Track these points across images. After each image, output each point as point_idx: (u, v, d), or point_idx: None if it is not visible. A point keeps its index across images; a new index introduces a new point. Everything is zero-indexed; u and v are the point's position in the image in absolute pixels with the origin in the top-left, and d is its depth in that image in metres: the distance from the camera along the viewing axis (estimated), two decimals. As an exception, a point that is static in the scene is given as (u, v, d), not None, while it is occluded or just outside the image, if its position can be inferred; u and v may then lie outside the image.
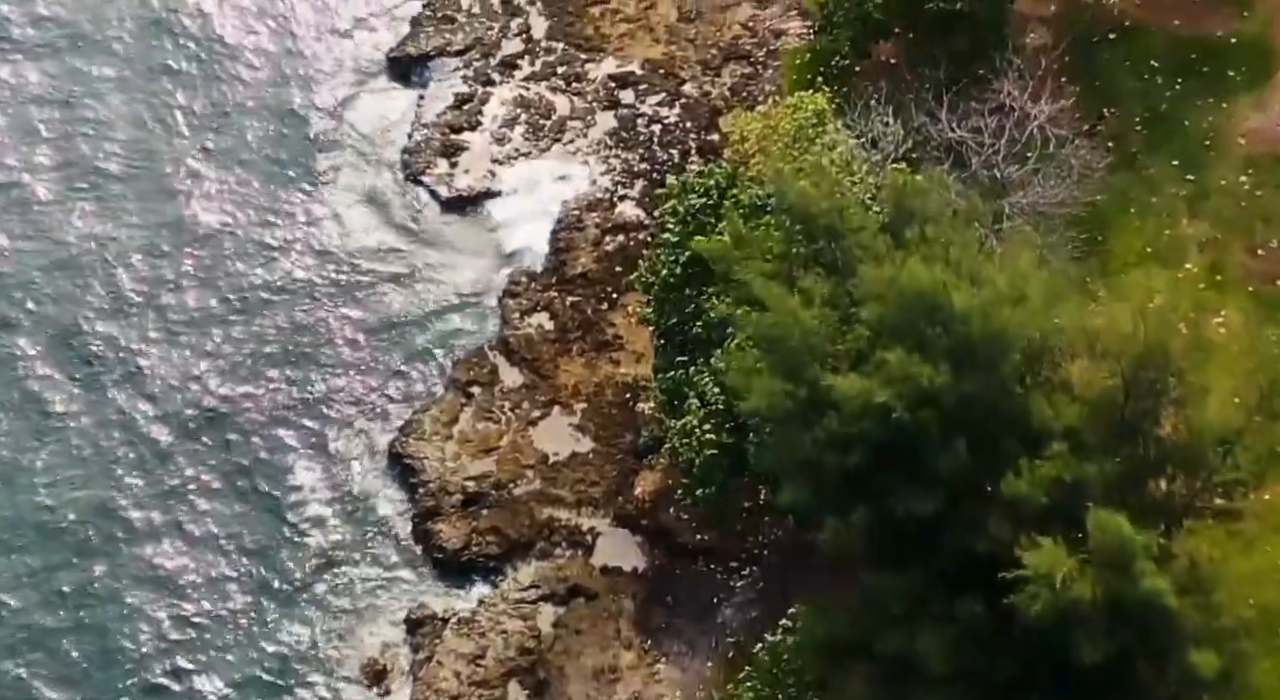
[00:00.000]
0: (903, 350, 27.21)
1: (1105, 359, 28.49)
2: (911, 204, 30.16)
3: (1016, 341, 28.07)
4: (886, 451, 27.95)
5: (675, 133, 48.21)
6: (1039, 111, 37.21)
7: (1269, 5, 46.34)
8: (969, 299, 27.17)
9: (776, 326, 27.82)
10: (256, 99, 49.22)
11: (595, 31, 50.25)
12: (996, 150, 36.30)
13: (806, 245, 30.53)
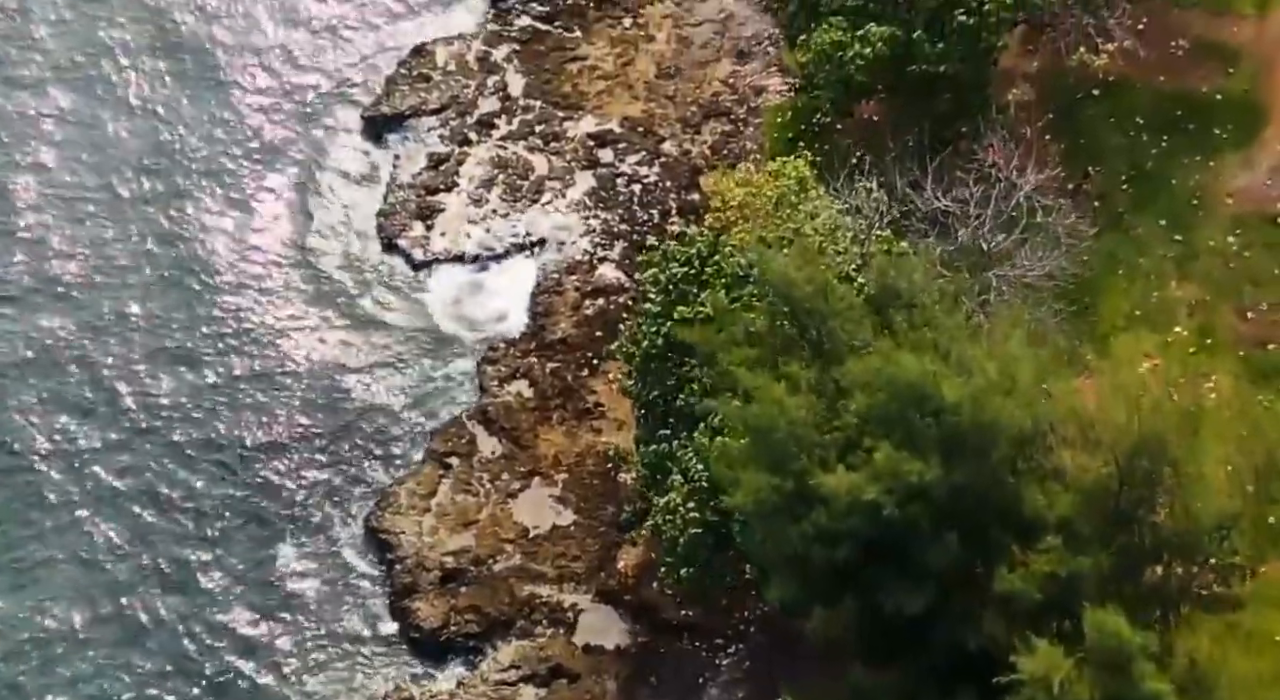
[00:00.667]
0: (892, 443, 26.46)
1: (1099, 447, 27.78)
2: (897, 284, 29.46)
3: (1008, 430, 27.35)
4: (876, 545, 27.17)
5: (655, 192, 47.48)
6: (1025, 181, 36.54)
7: (1254, 60, 45.92)
8: (959, 389, 26.44)
9: (762, 418, 27.05)
10: (229, 157, 48.41)
11: (573, 89, 49.54)
12: (983, 220, 35.64)
13: (791, 325, 29.79)
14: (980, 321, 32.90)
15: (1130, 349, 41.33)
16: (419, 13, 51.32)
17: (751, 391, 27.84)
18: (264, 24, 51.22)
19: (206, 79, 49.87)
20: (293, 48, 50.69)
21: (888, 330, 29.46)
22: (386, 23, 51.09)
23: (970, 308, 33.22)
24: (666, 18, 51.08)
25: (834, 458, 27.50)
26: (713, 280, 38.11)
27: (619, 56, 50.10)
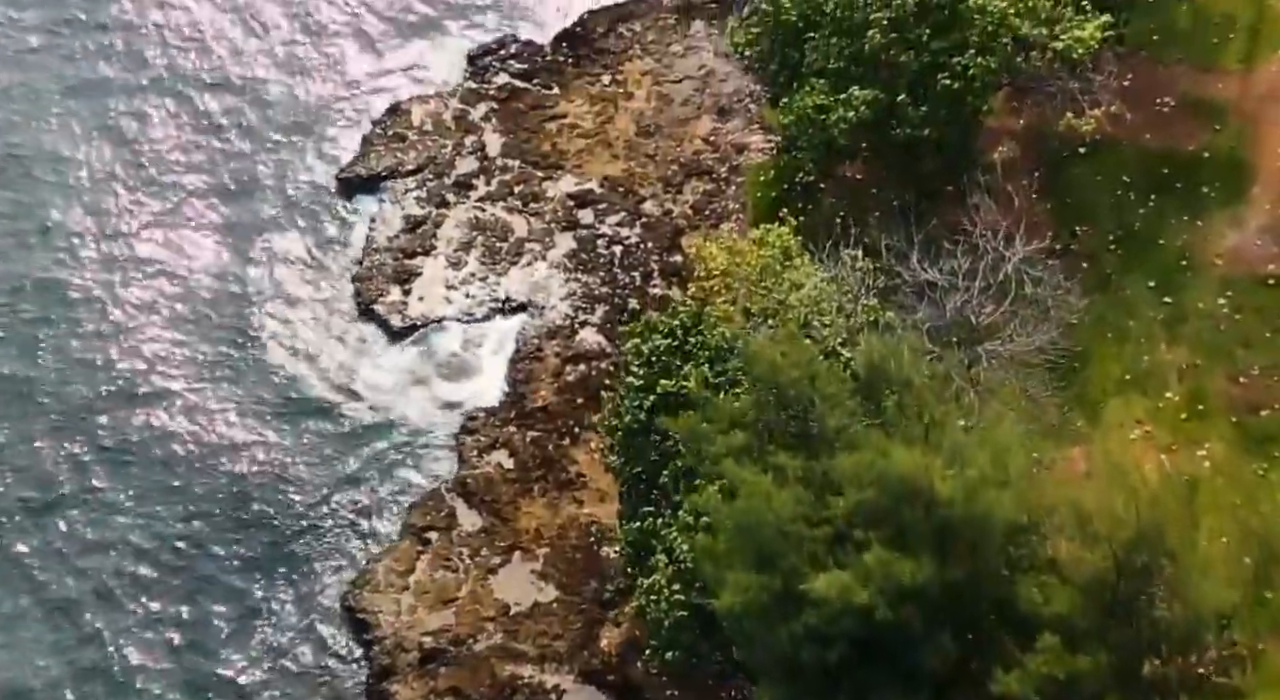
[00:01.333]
0: (883, 538, 25.64)
1: (1096, 540, 27.03)
2: (885, 366, 28.70)
3: (1002, 523, 26.59)
4: (868, 645, 26.33)
5: (637, 254, 46.73)
6: (1013, 251, 35.87)
7: (1240, 117, 45.39)
8: (953, 485, 25.67)
9: (749, 514, 26.24)
10: (202, 218, 47.44)
11: (552, 148, 48.78)
12: (970, 291, 34.94)
13: (777, 412, 29.01)
14: (970, 398, 32.18)
15: (1121, 416, 41.38)
16: (395, 71, 50.55)
17: (738, 486, 27.02)
18: (236, 83, 50.52)
19: (175, 138, 48.99)
20: (266, 107, 49.90)
21: (877, 414, 28.72)
22: (362, 81, 50.33)
23: (959, 384, 32.48)
24: (646, 74, 50.46)
25: (823, 552, 26.70)
26: (696, 352, 37.42)
27: (598, 114, 49.41)
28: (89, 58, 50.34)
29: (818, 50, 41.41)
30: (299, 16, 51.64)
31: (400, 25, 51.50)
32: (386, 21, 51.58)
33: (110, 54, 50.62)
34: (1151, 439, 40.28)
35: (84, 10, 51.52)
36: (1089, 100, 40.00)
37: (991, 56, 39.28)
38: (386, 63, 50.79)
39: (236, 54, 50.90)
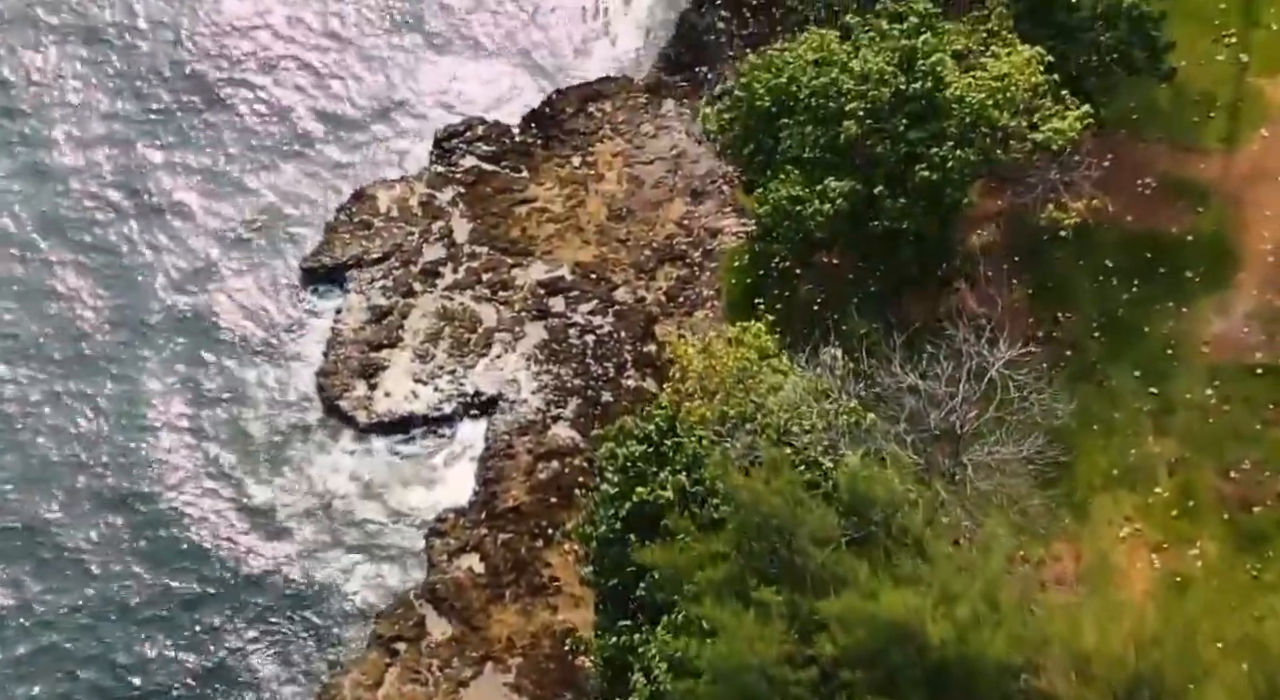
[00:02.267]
0: (872, 684, 24.43)
1: (1093, 680, 25.86)
2: (871, 493, 27.56)
3: (995, 663, 25.42)
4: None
5: (609, 344, 45.49)
6: (997, 355, 34.82)
7: (1223, 198, 44.57)
8: (944, 626, 24.49)
9: (731, 659, 25.01)
10: (157, 311, 45.75)
11: (522, 233, 47.57)
12: (954, 398, 33.87)
13: (759, 542, 27.81)
14: (957, 514, 31.04)
15: (1110, 513, 40.28)
16: (359, 154, 49.14)
17: (719, 628, 25.78)
18: (194, 167, 49.03)
19: (130, 226, 47.38)
20: (226, 194, 48.28)
21: (863, 543, 27.56)
22: (325, 166, 48.87)
23: (945, 498, 31.36)
24: (617, 155, 49.33)
25: (809, 696, 25.44)
26: (672, 457, 36.24)
27: (569, 198, 48.28)
28: (30, 147, 48.77)
29: (792, 138, 40.53)
30: (260, 98, 50.48)
31: (365, 108, 50.14)
32: (350, 105, 50.22)
33: (58, 142, 48.99)
34: (1141, 537, 39.20)
35: (26, 103, 50.13)
36: (1070, 192, 39.11)
37: (970, 148, 38.43)
38: (351, 146, 49.35)
39: (193, 136, 49.75)
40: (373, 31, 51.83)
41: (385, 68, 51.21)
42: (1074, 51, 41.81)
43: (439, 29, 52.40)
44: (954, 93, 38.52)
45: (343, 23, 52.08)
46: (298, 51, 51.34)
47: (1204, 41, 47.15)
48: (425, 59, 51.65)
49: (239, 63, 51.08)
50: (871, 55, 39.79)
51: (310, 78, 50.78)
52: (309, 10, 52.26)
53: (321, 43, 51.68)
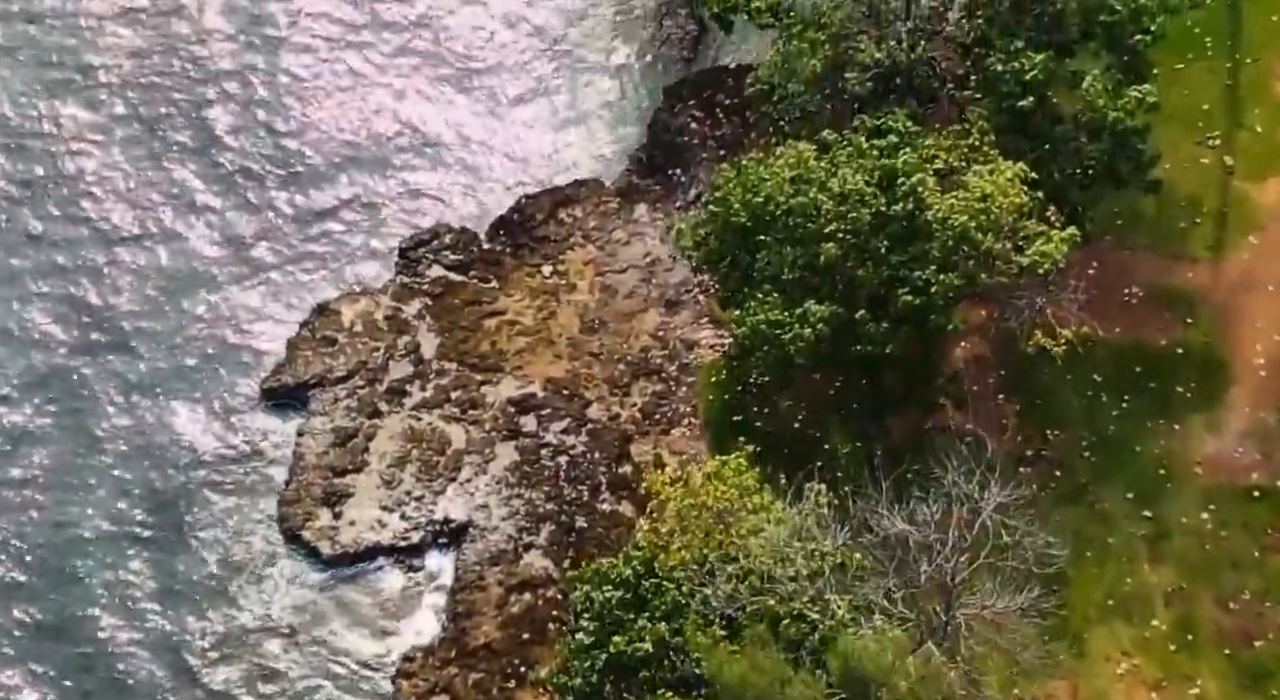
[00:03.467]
0: None
1: None
2: (864, 669, 26.07)
3: None
4: None
5: (583, 465, 43.82)
6: (989, 496, 33.41)
7: (1213, 309, 43.39)
8: None
9: None
10: (112, 434, 43.92)
11: (491, 348, 45.94)
12: (944, 543, 32.42)
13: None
14: (951, 680, 29.49)
15: (1106, 647, 38.73)
16: (322, 266, 47.48)
17: None
18: (150, 277, 47.08)
19: (86, 345, 45.52)
20: (184, 310, 46.44)
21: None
22: (287, 278, 47.20)
23: (939, 659, 29.83)
24: (588, 264, 47.88)
25: None
26: (652, 602, 34.64)
27: (539, 309, 46.75)
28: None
29: (770, 257, 39.20)
30: (219, 208, 48.72)
31: (328, 216, 48.57)
32: (313, 212, 48.69)
33: (10, 248, 47.58)
34: (1139, 674, 37.59)
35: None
36: (1057, 315, 37.83)
37: (953, 272, 37.17)
38: (313, 257, 47.66)
39: (150, 248, 47.73)
40: (335, 135, 50.38)
41: (349, 173, 49.67)
42: (1057, 163, 40.77)
43: (403, 130, 50.99)
44: (936, 214, 37.26)
45: (304, 126, 50.69)
46: (257, 160, 49.93)
47: (1188, 143, 46.12)
48: (389, 163, 50.16)
49: (198, 170, 49.40)
50: (850, 174, 38.51)
51: (271, 185, 49.23)
52: (271, 116, 50.70)
53: (282, 148, 50.25)
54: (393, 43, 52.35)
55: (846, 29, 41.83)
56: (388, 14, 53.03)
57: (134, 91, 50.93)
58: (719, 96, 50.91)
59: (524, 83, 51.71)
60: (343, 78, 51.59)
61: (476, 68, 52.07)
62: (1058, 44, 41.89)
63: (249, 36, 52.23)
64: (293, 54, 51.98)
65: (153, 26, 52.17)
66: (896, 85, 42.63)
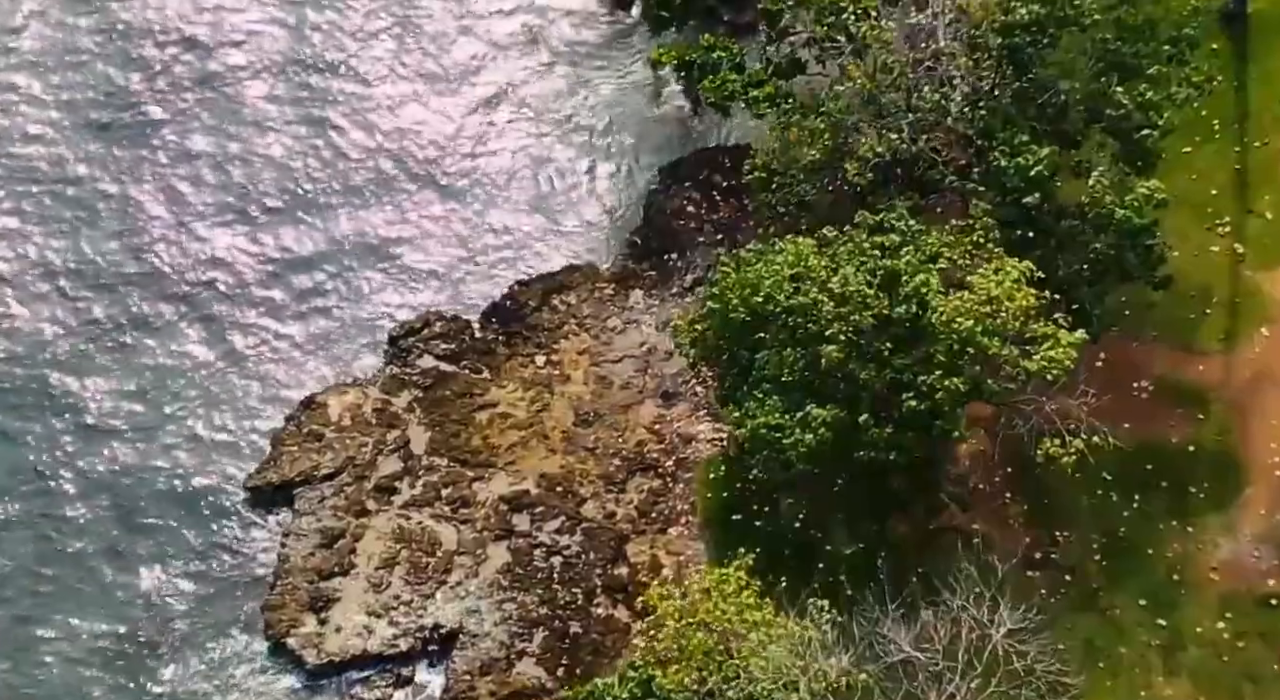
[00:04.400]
0: None
1: None
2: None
3: None
4: None
5: (578, 566, 42.38)
6: (999, 619, 32.13)
7: (1225, 404, 42.15)
8: None
9: None
10: (89, 536, 42.41)
11: (483, 442, 44.54)
12: (954, 668, 31.11)
13: None
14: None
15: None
16: (309, 357, 46.12)
17: None
18: (131, 373, 45.60)
19: (62, 446, 44.08)
20: (164, 404, 45.02)
21: None
22: (272, 370, 45.86)
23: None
24: (583, 353, 46.63)
25: None
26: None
27: (532, 401, 45.46)
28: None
29: (770, 359, 37.98)
30: (202, 298, 47.21)
31: (314, 302, 47.31)
32: (299, 299, 47.44)
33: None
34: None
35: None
36: (1065, 420, 36.54)
37: (959, 377, 35.99)
38: (300, 347, 46.45)
39: (133, 344, 46.25)
40: (322, 219, 49.39)
41: (337, 257, 48.45)
42: (1063, 258, 39.59)
43: (394, 212, 49.71)
44: (940, 318, 36.08)
45: (289, 210, 49.48)
46: (241, 245, 48.82)
47: (1197, 230, 44.99)
48: (379, 247, 48.91)
49: (178, 255, 48.21)
50: (851, 273, 37.37)
51: (255, 271, 48.04)
52: (253, 198, 49.33)
53: (266, 231, 49.09)
54: (381, 123, 51.27)
55: (846, 119, 40.94)
56: (378, 91, 52.22)
57: (112, 179, 49.89)
58: (715, 177, 49.83)
59: (516, 162, 50.41)
60: (329, 158, 50.57)
61: (466, 148, 50.96)
62: (1062, 134, 41.13)
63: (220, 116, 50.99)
64: (272, 134, 50.71)
65: (121, 130, 50.77)
66: (898, 175, 41.75)
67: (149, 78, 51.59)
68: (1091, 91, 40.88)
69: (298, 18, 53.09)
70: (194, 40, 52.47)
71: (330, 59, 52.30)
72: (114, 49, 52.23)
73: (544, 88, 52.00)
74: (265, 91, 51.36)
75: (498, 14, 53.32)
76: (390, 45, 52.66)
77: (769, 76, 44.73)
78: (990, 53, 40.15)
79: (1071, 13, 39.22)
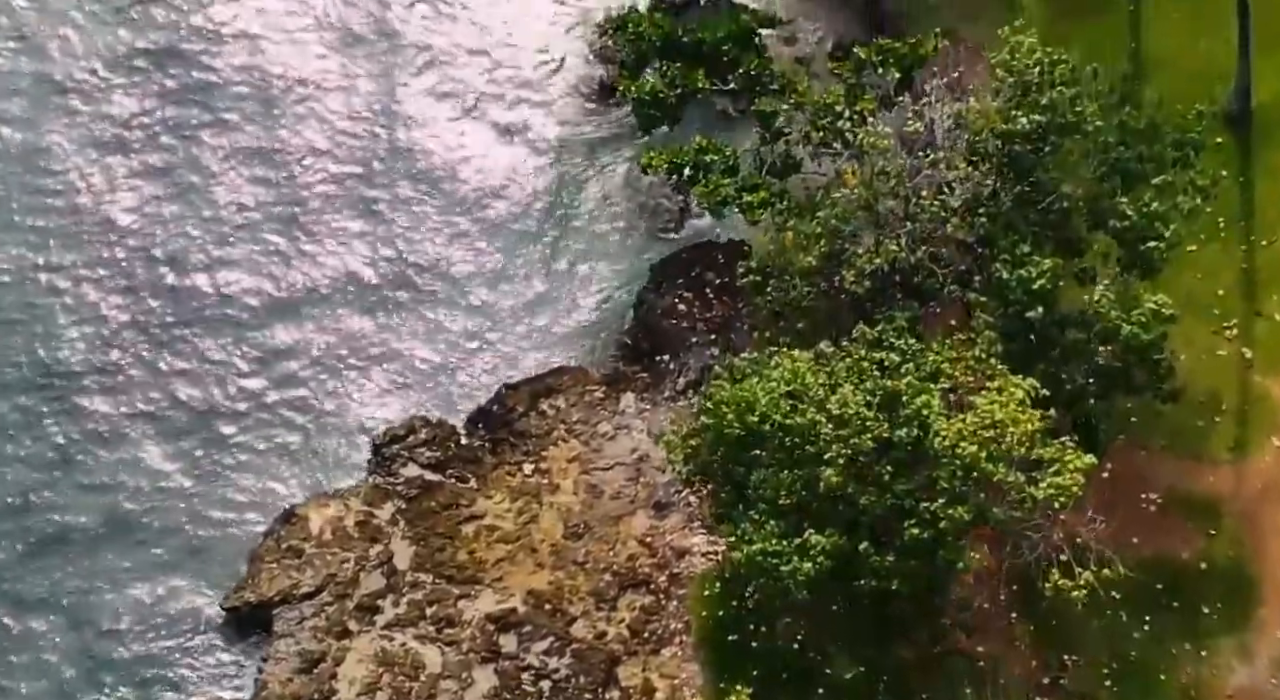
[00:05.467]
0: None
1: None
2: None
3: None
4: None
5: (568, 690, 40.50)
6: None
7: (1238, 518, 40.70)
8: None
9: None
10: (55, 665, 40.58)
11: (470, 557, 42.87)
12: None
13: None
14: None
15: None
16: (288, 466, 44.42)
17: None
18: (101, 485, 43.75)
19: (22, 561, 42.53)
20: (133, 514, 43.34)
21: None
22: (250, 481, 44.13)
23: None
24: (573, 461, 45.10)
25: None
26: None
27: (520, 512, 43.86)
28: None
29: (766, 481, 36.61)
30: (179, 401, 45.58)
31: (295, 410, 45.56)
32: (278, 406, 45.66)
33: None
34: None
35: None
36: (1074, 550, 35.15)
37: (963, 505, 34.62)
38: (279, 456, 44.67)
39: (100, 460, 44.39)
40: (304, 323, 47.62)
41: (319, 362, 46.70)
42: (1067, 370, 38.33)
43: (378, 315, 47.80)
44: (943, 443, 34.72)
45: (270, 307, 47.86)
46: (221, 347, 46.78)
47: (1204, 333, 43.61)
48: (363, 349, 47.29)
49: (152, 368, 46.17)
50: (850, 392, 36.08)
51: (234, 376, 46.33)
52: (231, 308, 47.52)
53: (246, 326, 47.25)
54: (361, 221, 49.80)
55: (843, 227, 39.70)
56: (368, 190, 50.29)
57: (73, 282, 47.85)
58: (708, 274, 48.35)
59: (503, 260, 48.91)
60: (305, 259, 48.81)
61: (450, 246, 49.35)
62: (1065, 239, 39.95)
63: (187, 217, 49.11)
64: (247, 231, 48.93)
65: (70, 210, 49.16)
66: (896, 281, 40.53)
67: (110, 179, 50.20)
68: (1095, 194, 39.94)
69: (271, 116, 51.63)
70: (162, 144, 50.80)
71: (305, 158, 50.65)
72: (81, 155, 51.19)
73: (531, 184, 50.41)
74: (233, 197, 49.65)
75: (482, 108, 52.18)
76: (372, 141, 51.40)
77: (763, 178, 43.78)
78: (990, 159, 39.15)
79: (1073, 120, 38.26)
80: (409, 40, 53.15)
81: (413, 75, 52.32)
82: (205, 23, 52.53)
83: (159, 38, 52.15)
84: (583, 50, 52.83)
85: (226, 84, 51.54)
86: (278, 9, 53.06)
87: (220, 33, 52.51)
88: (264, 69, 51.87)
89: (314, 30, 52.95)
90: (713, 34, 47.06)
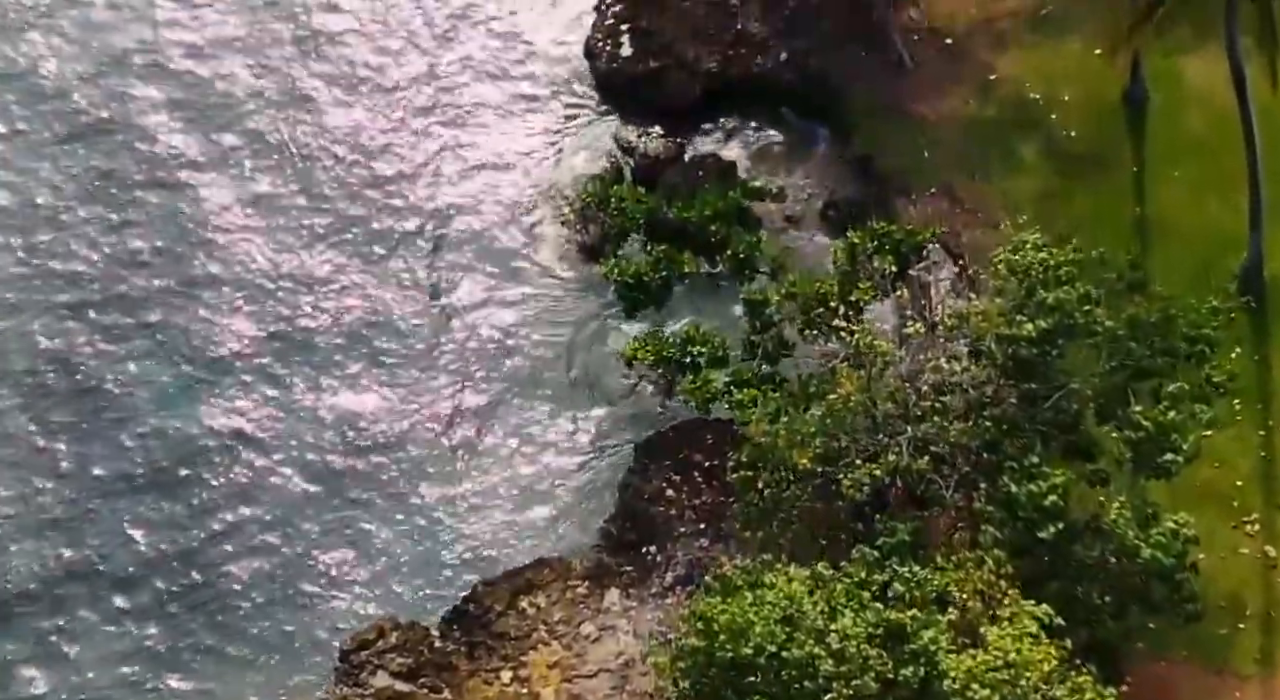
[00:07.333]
0: None
1: None
2: None
3: None
4: None
5: None
6: None
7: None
8: None
9: None
10: None
11: (442, 779, 40.51)
12: None
13: None
14: None
15: None
16: (248, 678, 41.49)
17: None
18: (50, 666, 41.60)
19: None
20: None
21: None
22: (207, 687, 41.48)
23: None
24: (554, 667, 42.16)
25: None
26: None
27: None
28: None
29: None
30: (127, 604, 42.94)
31: (255, 615, 42.78)
32: (236, 611, 42.73)
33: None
34: None
35: None
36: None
37: (976, 757, 31.91)
38: (238, 662, 41.77)
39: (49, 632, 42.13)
40: (269, 518, 44.80)
41: (284, 561, 44.02)
42: (1082, 588, 35.79)
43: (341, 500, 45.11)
44: (953, 685, 32.08)
45: (220, 505, 44.87)
46: (170, 541, 43.98)
47: (1224, 528, 40.99)
48: (325, 540, 44.55)
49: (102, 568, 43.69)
50: (850, 623, 33.46)
51: (187, 575, 43.53)
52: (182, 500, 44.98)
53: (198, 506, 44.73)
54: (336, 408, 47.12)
55: (839, 431, 37.26)
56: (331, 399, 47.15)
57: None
58: (696, 456, 45.64)
59: (481, 442, 46.21)
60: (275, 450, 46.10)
61: (422, 432, 46.55)
62: (1073, 445, 37.55)
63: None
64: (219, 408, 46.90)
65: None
66: (898, 487, 38.07)
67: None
68: (1105, 389, 37.61)
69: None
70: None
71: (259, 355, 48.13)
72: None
73: (510, 363, 48.05)
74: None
75: (453, 280, 50.03)
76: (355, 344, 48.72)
77: (754, 368, 41.44)
78: (994, 361, 36.87)
79: (1082, 322, 36.06)
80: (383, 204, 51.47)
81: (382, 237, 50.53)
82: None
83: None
84: (563, 213, 51.00)
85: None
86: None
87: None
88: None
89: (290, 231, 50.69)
90: (699, 212, 44.88)
